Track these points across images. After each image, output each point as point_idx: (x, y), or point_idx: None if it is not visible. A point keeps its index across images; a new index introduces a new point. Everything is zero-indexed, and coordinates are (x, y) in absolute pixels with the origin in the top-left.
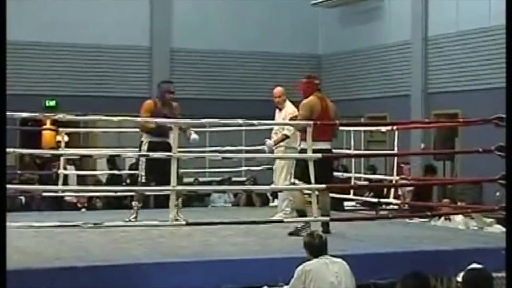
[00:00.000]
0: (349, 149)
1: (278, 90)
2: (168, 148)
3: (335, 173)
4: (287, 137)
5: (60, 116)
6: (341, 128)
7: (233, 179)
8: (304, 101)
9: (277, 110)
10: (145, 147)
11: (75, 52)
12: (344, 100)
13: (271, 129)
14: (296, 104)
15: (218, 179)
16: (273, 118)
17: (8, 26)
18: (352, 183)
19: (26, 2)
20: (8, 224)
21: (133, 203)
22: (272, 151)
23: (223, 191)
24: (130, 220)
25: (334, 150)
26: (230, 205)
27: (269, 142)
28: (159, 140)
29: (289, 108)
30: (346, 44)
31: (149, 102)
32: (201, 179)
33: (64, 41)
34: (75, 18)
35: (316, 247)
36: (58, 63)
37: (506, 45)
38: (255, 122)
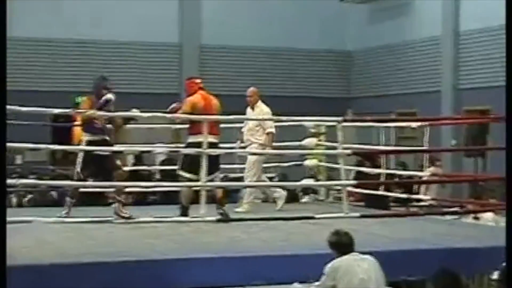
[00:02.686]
0: (379, 145)
1: (251, 90)
2: (106, 145)
3: (365, 169)
4: (272, 134)
5: (91, 112)
6: (371, 124)
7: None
8: (188, 98)
9: (249, 109)
10: (82, 144)
11: (105, 49)
12: (373, 96)
13: (300, 125)
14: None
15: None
16: (300, 115)
17: (38, 24)
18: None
19: (57, 1)
20: (39, 219)
21: (67, 198)
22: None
23: (252, 187)
24: (61, 216)
25: (364, 147)
26: (259, 201)
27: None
28: (98, 138)
29: (264, 108)
30: (375, 40)
31: (86, 98)
32: (230, 175)
33: (94, 38)
34: (105, 15)
35: (344, 245)
36: (89, 60)
37: (506, 45)
38: (284, 118)
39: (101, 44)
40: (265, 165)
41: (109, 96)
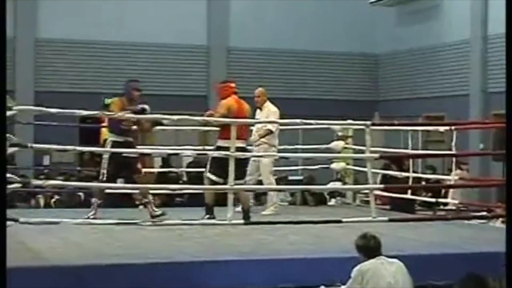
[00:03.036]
0: (406, 148)
1: (259, 90)
2: (130, 147)
3: (392, 173)
4: (271, 132)
5: (119, 114)
6: (398, 128)
7: (290, 178)
8: (223, 101)
9: (258, 110)
10: (108, 146)
11: (133, 51)
12: (401, 100)
13: (327, 128)
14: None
15: (275, 177)
16: (327, 117)
17: (67, 26)
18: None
19: (86, 2)
20: (67, 220)
21: (93, 200)
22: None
23: (279, 190)
24: (88, 218)
25: (391, 150)
26: (286, 203)
27: (252, 138)
28: (122, 140)
29: (272, 108)
30: (404, 43)
31: (117, 100)
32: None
33: (122, 40)
34: (132, 16)
35: (371, 249)
36: (116, 62)
37: (506, 45)
38: (311, 121)
39: (127, 45)
40: (293, 168)
41: (146, 106)
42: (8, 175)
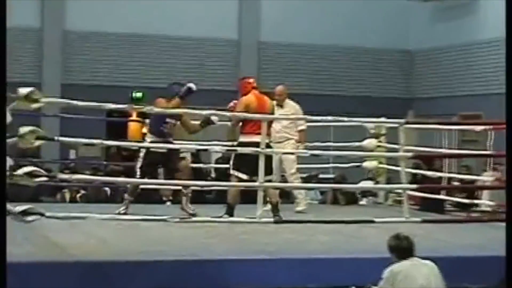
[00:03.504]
0: (440, 148)
1: (280, 89)
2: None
3: (426, 173)
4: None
5: (148, 108)
6: (433, 126)
7: (321, 176)
8: (242, 98)
9: (276, 107)
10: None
11: (162, 44)
12: (435, 98)
13: (359, 126)
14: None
15: (304, 175)
16: (359, 115)
17: (95, 18)
18: (445, 183)
19: None
20: (93, 215)
21: (125, 195)
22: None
23: (310, 188)
24: (119, 213)
25: (425, 149)
26: (316, 202)
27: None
28: (161, 141)
29: (295, 104)
30: (439, 40)
31: (160, 100)
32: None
33: (151, 32)
34: (162, 9)
35: (404, 250)
36: (146, 54)
37: (506, 45)
38: (344, 118)
39: (156, 38)
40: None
41: (191, 84)
42: (33, 168)
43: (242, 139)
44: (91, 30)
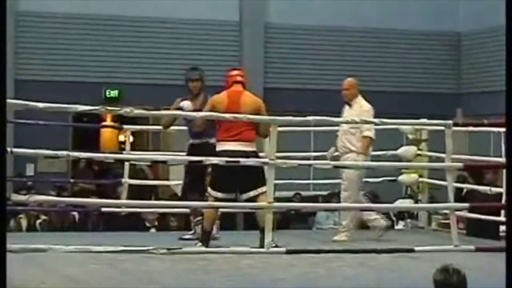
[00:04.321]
0: (499, 156)
1: (348, 81)
2: (211, 150)
3: (481, 188)
4: (371, 139)
5: (127, 110)
6: (488, 129)
7: None
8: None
9: (346, 106)
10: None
11: (144, 28)
12: (491, 92)
13: (394, 130)
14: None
15: (325, 193)
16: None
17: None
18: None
19: None
20: (57, 247)
21: (191, 218)
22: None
23: (332, 210)
24: (183, 238)
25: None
26: (340, 226)
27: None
28: (199, 141)
29: (364, 105)
30: (492, 20)
31: (178, 100)
32: (303, 193)
33: (129, 14)
34: None
35: (454, 286)
36: (123, 42)
37: (506, 46)
38: (376, 120)
39: (136, 22)
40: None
41: (182, 104)
42: None
43: (218, 147)
44: (54, 11)
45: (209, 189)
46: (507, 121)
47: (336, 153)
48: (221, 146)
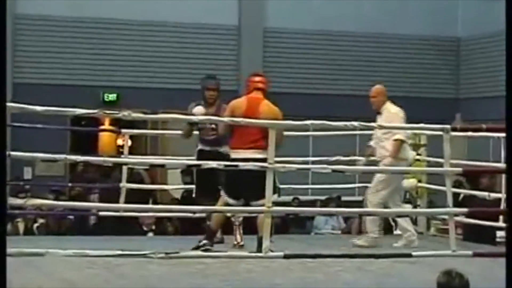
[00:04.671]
0: (498, 162)
1: (375, 89)
2: (219, 158)
3: (480, 193)
4: (402, 142)
5: (125, 114)
6: (488, 134)
7: (344, 198)
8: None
9: (378, 116)
10: (195, 155)
11: (143, 32)
12: (490, 98)
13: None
14: None
15: (323, 198)
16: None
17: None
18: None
19: None
20: (55, 251)
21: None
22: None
23: (331, 214)
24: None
25: (477, 163)
26: (339, 232)
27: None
28: (208, 149)
29: (392, 109)
30: (493, 25)
31: (192, 106)
32: (301, 198)
33: (128, 18)
34: None
35: None
36: (121, 46)
37: (506, 47)
38: (374, 125)
39: (135, 25)
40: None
41: (195, 110)
42: None
43: (231, 155)
44: (52, 14)
45: (222, 192)
46: (507, 121)
47: (373, 158)
48: (235, 154)
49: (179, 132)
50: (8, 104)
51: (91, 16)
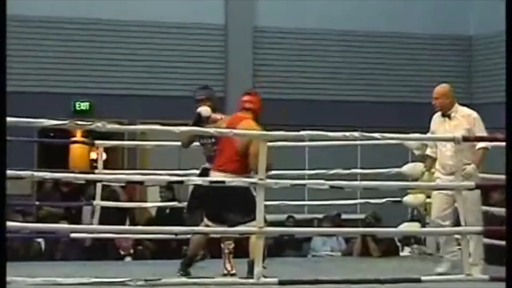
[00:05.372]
0: None
1: (439, 88)
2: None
3: (491, 209)
4: (486, 149)
5: (98, 125)
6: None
7: (344, 216)
8: None
9: (439, 119)
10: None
11: (121, 33)
12: (502, 103)
13: (399, 145)
14: None
15: (321, 216)
16: (399, 130)
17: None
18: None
19: None
20: (21, 279)
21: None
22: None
23: (330, 234)
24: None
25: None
26: (339, 254)
27: (469, 168)
28: (211, 167)
29: (466, 111)
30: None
31: None
32: (297, 217)
33: (103, 17)
34: None
35: None
36: (96, 48)
37: (506, 48)
38: (376, 135)
39: (109, 25)
40: (348, 202)
41: (200, 109)
42: None
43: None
44: (13, 13)
45: (204, 218)
46: (507, 121)
47: (440, 176)
48: (210, 175)
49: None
50: None
51: (60, 15)
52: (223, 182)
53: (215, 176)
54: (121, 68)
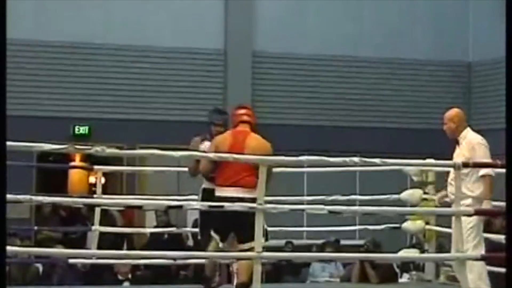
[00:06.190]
0: None
1: (449, 113)
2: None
3: (493, 236)
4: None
5: (98, 149)
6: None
7: (343, 242)
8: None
9: (456, 146)
10: (200, 194)
11: (120, 57)
12: (501, 130)
13: (398, 171)
14: None
15: (320, 241)
16: (397, 155)
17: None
18: None
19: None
20: None
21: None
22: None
23: (329, 260)
24: None
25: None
26: (338, 280)
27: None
28: (213, 187)
29: (473, 138)
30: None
31: (197, 140)
32: (295, 242)
33: (102, 42)
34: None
35: None
36: (95, 73)
37: (506, 49)
38: (376, 160)
39: (109, 49)
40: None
41: (201, 146)
42: None
43: (216, 192)
44: (12, 37)
45: (212, 233)
46: (507, 121)
47: (447, 199)
48: (218, 192)
49: (185, 169)
50: None
51: (59, 39)
52: (222, 206)
53: (227, 192)
54: (121, 93)
